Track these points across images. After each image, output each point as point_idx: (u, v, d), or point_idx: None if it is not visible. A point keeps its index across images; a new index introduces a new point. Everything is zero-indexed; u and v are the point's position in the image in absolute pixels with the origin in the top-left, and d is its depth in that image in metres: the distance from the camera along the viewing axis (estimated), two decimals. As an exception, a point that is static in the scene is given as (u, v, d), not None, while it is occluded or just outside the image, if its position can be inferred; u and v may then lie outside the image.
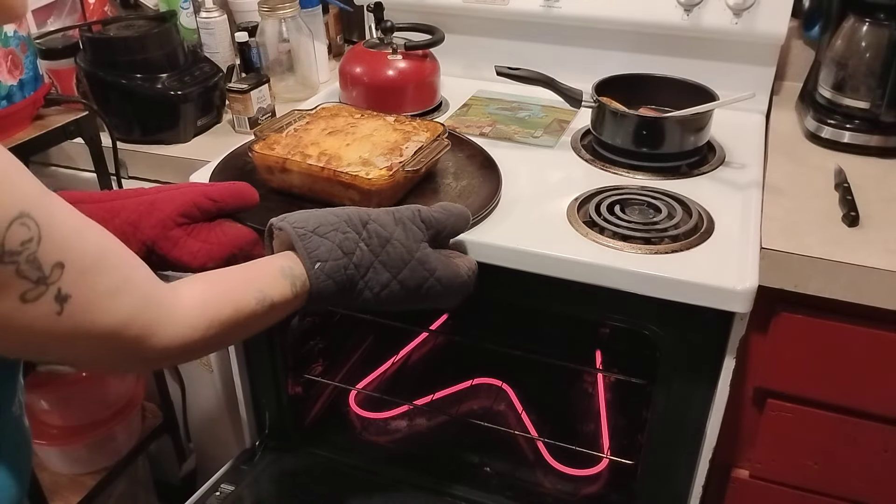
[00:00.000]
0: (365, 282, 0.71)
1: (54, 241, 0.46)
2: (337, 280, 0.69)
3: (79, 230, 0.49)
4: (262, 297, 0.64)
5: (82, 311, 0.49)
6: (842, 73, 1.05)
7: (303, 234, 0.69)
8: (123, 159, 1.12)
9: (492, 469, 1.18)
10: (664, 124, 1.01)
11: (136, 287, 0.53)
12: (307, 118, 0.99)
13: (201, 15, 1.26)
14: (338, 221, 0.71)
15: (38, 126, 1.00)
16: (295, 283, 0.67)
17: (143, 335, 0.53)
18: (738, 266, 0.80)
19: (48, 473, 1.30)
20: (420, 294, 0.74)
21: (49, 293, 0.46)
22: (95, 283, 0.49)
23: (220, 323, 0.60)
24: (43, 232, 0.45)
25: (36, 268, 0.45)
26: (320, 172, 0.86)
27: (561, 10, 1.21)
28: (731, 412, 0.90)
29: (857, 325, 0.83)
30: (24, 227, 0.44)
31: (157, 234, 0.74)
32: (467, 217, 0.80)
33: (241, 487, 1.10)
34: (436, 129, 0.95)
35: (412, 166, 0.87)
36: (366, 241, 0.71)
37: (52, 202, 0.47)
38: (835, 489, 0.95)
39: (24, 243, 0.44)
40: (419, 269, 0.73)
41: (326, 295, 0.69)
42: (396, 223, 0.73)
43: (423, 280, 0.74)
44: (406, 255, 0.72)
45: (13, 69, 0.94)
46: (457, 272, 0.76)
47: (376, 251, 0.71)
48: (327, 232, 0.70)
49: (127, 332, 0.52)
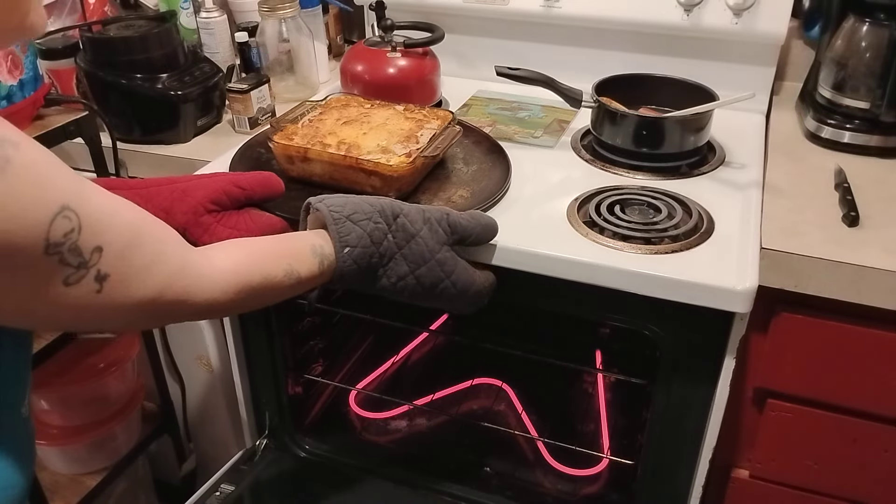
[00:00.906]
0: (385, 270, 0.75)
1: (92, 228, 0.48)
2: (361, 265, 0.73)
3: (113, 212, 0.51)
4: (291, 271, 0.68)
5: (120, 286, 0.51)
6: (842, 73, 1.05)
7: (338, 217, 0.73)
8: (123, 159, 1.12)
9: (492, 469, 1.18)
10: (664, 124, 1.01)
11: (170, 258, 0.56)
12: (319, 109, 1.02)
13: (201, 15, 1.25)
14: (372, 211, 0.74)
15: (38, 126, 1.00)
16: (323, 261, 0.71)
17: (179, 300, 0.57)
18: (738, 266, 0.80)
19: (48, 473, 1.30)
20: (434, 293, 0.78)
21: (90, 275, 0.49)
22: (131, 260, 0.52)
23: (251, 289, 0.64)
24: (83, 221, 0.47)
25: (77, 254, 0.47)
26: (343, 161, 0.89)
27: (561, 10, 1.21)
28: (731, 412, 0.90)
29: (857, 325, 0.83)
30: (66, 219, 0.46)
31: (188, 221, 0.78)
32: (495, 229, 0.83)
33: (241, 487, 1.10)
34: (446, 117, 0.99)
35: (430, 152, 0.90)
36: (394, 232, 0.75)
37: (87, 189, 0.49)
38: (835, 489, 0.95)
39: (66, 234, 0.46)
40: (437, 269, 0.77)
41: (349, 277, 0.73)
42: (424, 222, 0.77)
43: (439, 280, 0.77)
44: (427, 253, 0.76)
45: (13, 69, 0.94)
46: (472, 280, 0.80)
47: (401, 244, 0.75)
48: (361, 220, 0.73)
49: (163, 299, 0.55)
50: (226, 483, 1.10)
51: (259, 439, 1.18)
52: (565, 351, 1.22)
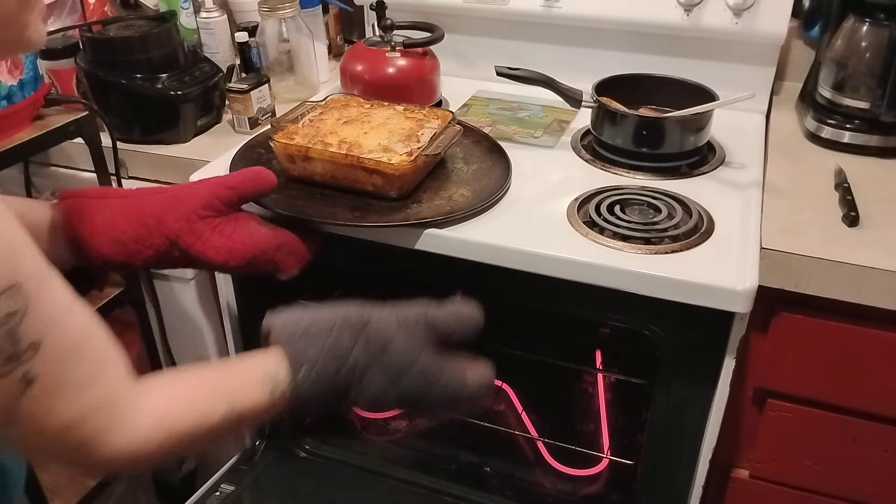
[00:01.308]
0: (359, 387, 0.65)
1: (38, 321, 0.45)
2: (324, 385, 0.63)
3: (67, 313, 0.48)
4: (231, 409, 0.59)
5: (44, 396, 0.47)
6: (842, 73, 1.05)
7: (292, 332, 0.64)
8: (123, 159, 1.12)
9: (492, 469, 1.18)
10: (664, 124, 1.01)
11: (105, 383, 0.51)
12: (319, 109, 1.02)
13: (201, 15, 1.25)
14: (333, 320, 0.65)
15: (38, 126, 1.00)
16: (275, 390, 0.62)
17: (93, 438, 0.51)
18: (738, 266, 0.80)
19: (48, 473, 1.30)
20: (421, 405, 0.68)
21: (17, 372, 0.45)
22: (64, 372, 0.48)
23: (180, 434, 0.56)
24: (31, 308, 0.44)
25: (12, 342, 0.44)
26: (344, 160, 0.89)
27: (561, 10, 1.21)
28: (731, 412, 0.90)
29: (857, 325, 0.83)
30: (11, 299, 0.43)
31: (181, 228, 0.75)
32: (479, 322, 0.70)
33: (241, 487, 1.10)
34: (446, 117, 0.99)
35: (431, 151, 0.90)
36: (365, 343, 0.64)
37: (51, 283, 0.47)
38: (835, 489, 0.95)
39: (9, 315, 0.43)
40: (420, 379, 0.66)
41: (312, 399, 0.63)
42: (399, 325, 0.66)
43: (425, 390, 0.66)
44: (407, 362, 0.65)
45: (13, 69, 0.94)
46: (463, 383, 0.68)
47: (376, 354, 0.64)
48: (319, 332, 0.64)
49: (77, 430, 0.50)
50: (226, 483, 1.10)
51: (259, 439, 1.18)
52: (565, 351, 1.22)
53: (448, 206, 0.89)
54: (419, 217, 0.87)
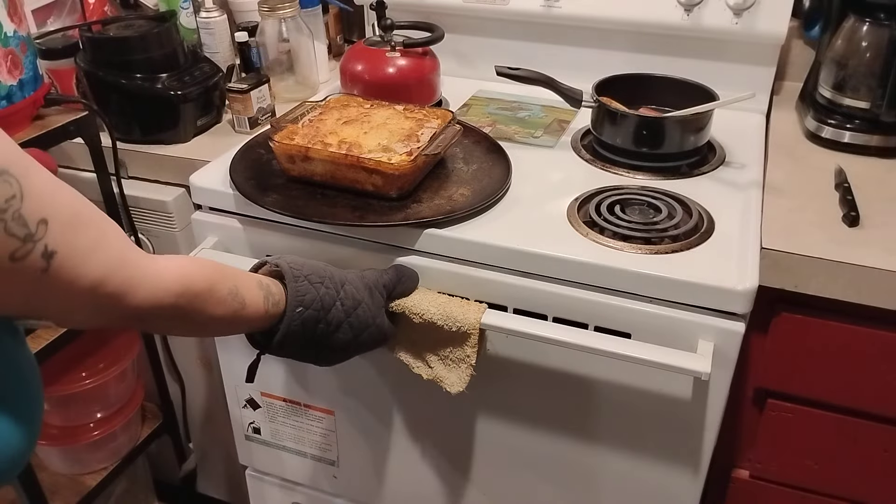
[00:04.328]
0: (331, 337, 0.76)
1: (36, 198, 0.46)
2: (307, 329, 0.73)
3: (55, 189, 0.49)
4: (235, 291, 0.66)
5: (66, 266, 0.49)
6: (842, 73, 1.05)
7: (297, 275, 0.73)
8: (123, 159, 1.12)
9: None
10: (664, 124, 1.01)
11: (111, 245, 0.54)
12: (319, 109, 1.02)
13: (201, 15, 1.25)
14: (325, 276, 0.75)
15: (38, 126, 1.00)
16: (269, 299, 0.70)
17: (122, 291, 0.54)
18: (738, 266, 0.80)
19: (48, 473, 1.30)
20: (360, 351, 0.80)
21: (37, 250, 0.46)
22: (76, 239, 0.49)
23: (194, 294, 0.61)
24: (25, 190, 0.45)
25: (22, 225, 0.45)
26: (344, 159, 0.89)
27: (561, 10, 1.21)
28: (731, 412, 0.90)
29: (857, 325, 0.83)
30: (7, 183, 0.44)
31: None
32: (416, 279, 0.87)
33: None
34: (445, 116, 0.99)
35: (431, 150, 0.91)
36: (342, 300, 0.76)
37: (31, 165, 0.47)
38: (835, 489, 0.95)
39: (8, 200, 0.44)
40: (376, 333, 0.80)
41: (290, 338, 0.73)
42: (366, 288, 0.79)
43: (375, 341, 0.81)
44: (370, 319, 0.79)
45: (13, 69, 0.94)
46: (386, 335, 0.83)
47: (349, 312, 0.76)
48: (316, 282, 0.74)
49: (106, 287, 0.52)
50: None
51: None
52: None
53: (448, 206, 0.89)
54: (419, 217, 0.87)
